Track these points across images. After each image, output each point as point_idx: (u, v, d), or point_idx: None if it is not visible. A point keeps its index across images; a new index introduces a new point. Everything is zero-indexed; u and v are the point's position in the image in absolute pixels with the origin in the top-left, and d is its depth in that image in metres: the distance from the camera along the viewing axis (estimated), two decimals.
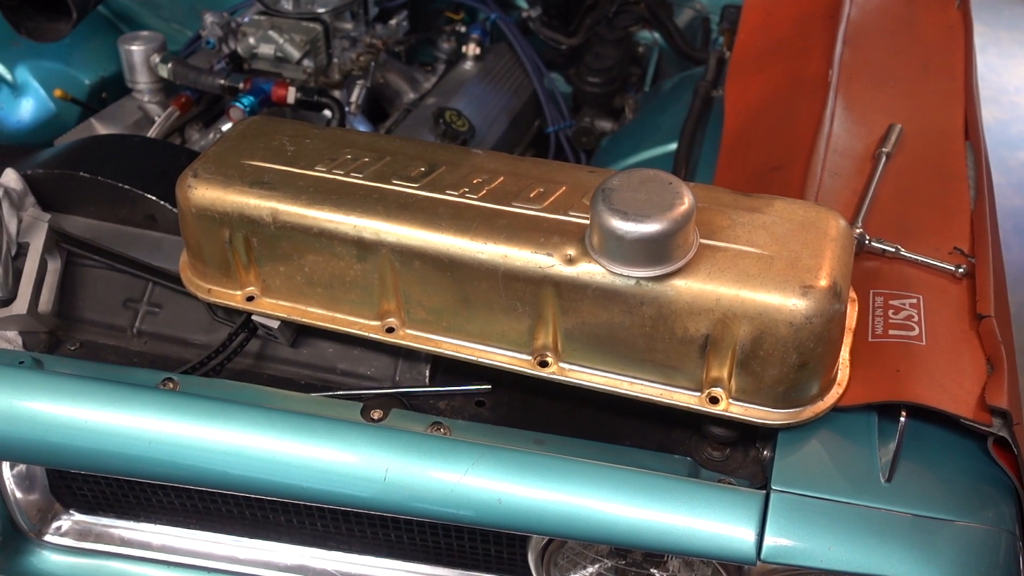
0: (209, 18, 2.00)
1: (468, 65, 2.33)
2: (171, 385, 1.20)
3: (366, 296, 1.18)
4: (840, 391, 1.12)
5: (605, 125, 2.36)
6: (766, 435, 1.13)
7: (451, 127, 2.09)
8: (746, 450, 1.16)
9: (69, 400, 1.13)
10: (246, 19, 2.02)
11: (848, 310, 1.16)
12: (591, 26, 2.38)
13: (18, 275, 1.28)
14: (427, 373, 1.26)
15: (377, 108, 2.28)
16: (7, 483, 1.37)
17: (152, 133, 1.89)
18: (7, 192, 1.32)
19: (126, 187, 1.36)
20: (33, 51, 1.98)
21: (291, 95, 1.88)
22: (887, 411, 1.11)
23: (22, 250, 1.30)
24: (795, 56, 1.74)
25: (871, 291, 1.23)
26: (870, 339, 1.16)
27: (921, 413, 1.08)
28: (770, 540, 1.02)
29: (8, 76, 1.98)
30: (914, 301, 1.20)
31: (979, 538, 1.03)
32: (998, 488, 1.07)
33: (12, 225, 1.30)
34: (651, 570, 1.23)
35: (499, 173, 1.18)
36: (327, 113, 1.92)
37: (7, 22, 1.79)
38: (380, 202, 1.14)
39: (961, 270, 1.25)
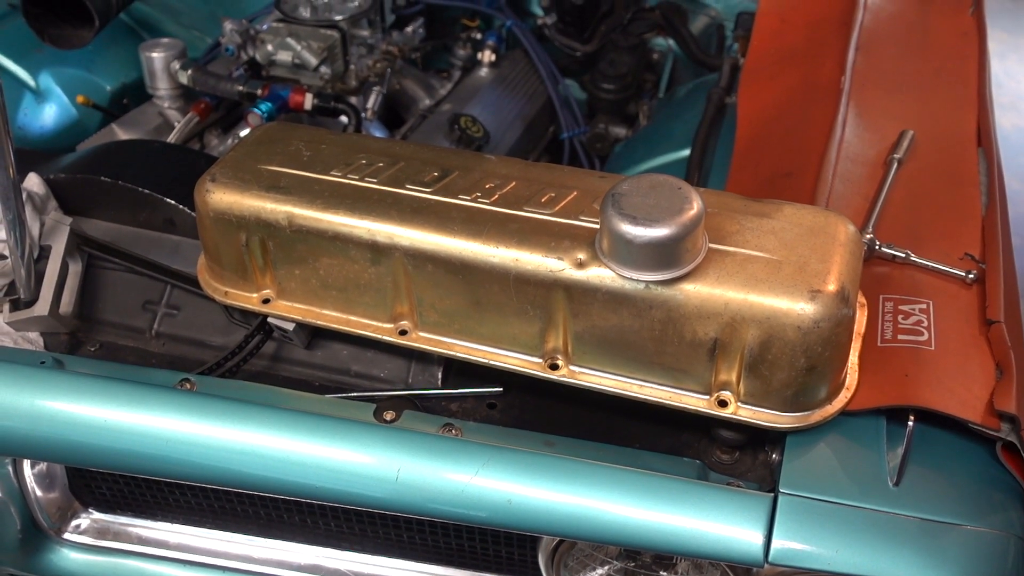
0: (228, 25, 2.02)
1: (483, 72, 2.34)
2: (188, 386, 1.22)
3: (380, 299, 1.19)
4: (849, 395, 1.12)
5: (619, 131, 2.37)
6: (775, 438, 1.14)
7: (466, 133, 2.11)
8: (755, 453, 1.17)
9: (89, 400, 1.15)
10: (264, 26, 2.04)
11: (857, 315, 1.16)
12: (606, 33, 2.39)
13: (40, 277, 1.30)
14: (439, 375, 1.27)
15: (393, 114, 2.29)
16: (28, 481, 1.39)
17: (172, 138, 1.91)
18: (30, 196, 1.34)
19: (146, 191, 1.38)
20: (56, 58, 2.01)
21: (308, 101, 1.91)
22: (896, 415, 1.11)
23: (44, 253, 1.32)
24: (808, 62, 1.74)
25: (881, 296, 1.23)
26: (879, 344, 1.17)
27: (930, 418, 1.09)
28: (778, 543, 1.03)
29: (32, 83, 2.01)
30: (924, 306, 1.20)
31: (987, 543, 1.03)
32: (1007, 493, 1.07)
33: (35, 228, 1.32)
34: (660, 572, 1.23)
35: (511, 178, 1.19)
36: (344, 119, 1.94)
37: (31, 29, 1.82)
38: (394, 206, 1.16)
39: (971, 276, 1.25)
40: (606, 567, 1.24)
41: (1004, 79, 4.04)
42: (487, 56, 2.34)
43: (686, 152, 1.88)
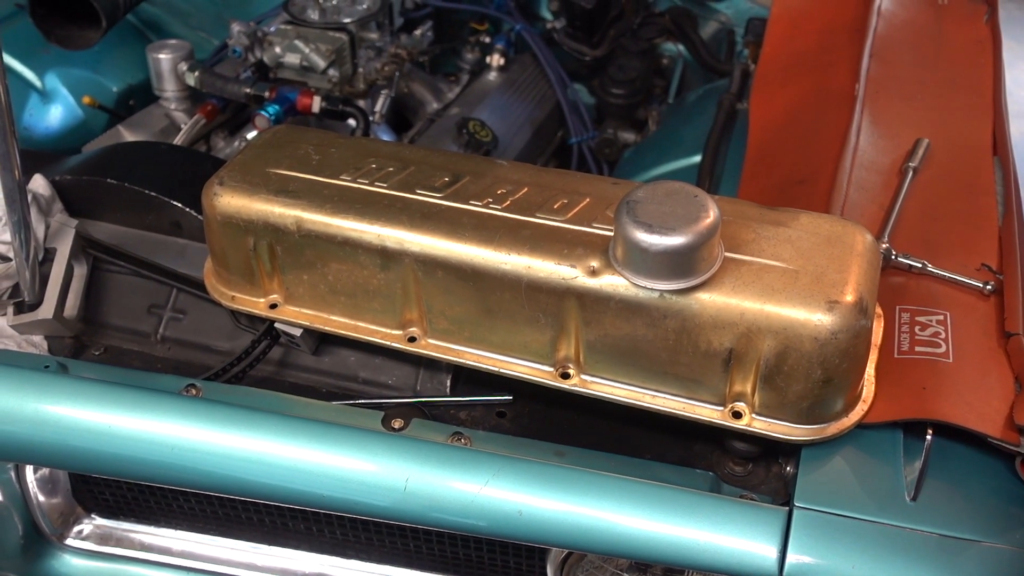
0: (236, 27, 2.02)
1: (492, 75, 2.33)
2: (194, 391, 1.20)
3: (389, 305, 1.18)
4: (865, 408, 1.11)
5: (628, 137, 2.36)
6: (789, 451, 1.12)
7: (474, 137, 2.10)
8: (769, 466, 1.15)
9: (93, 405, 1.14)
10: (272, 28, 2.03)
11: (874, 326, 1.15)
12: (615, 38, 2.38)
13: (45, 280, 1.29)
14: (448, 383, 1.26)
15: (401, 118, 2.28)
16: (30, 487, 1.38)
17: (178, 140, 1.90)
18: (35, 198, 1.33)
19: (152, 194, 1.37)
20: (63, 59, 2.00)
21: (316, 104, 1.90)
22: (913, 429, 1.09)
23: (49, 255, 1.31)
24: (821, 69, 1.73)
25: (897, 307, 1.21)
26: (896, 355, 1.15)
27: (947, 431, 1.07)
28: (792, 558, 1.01)
29: (38, 83, 2.00)
30: (941, 318, 1.19)
31: (1006, 559, 1.01)
32: None
33: (40, 230, 1.31)
34: None
35: (523, 184, 1.18)
36: (351, 122, 1.93)
37: (38, 30, 1.81)
38: (404, 211, 1.14)
39: (989, 287, 1.23)
40: None
41: (1013, 88, 4.02)
42: (496, 60, 2.33)
43: (696, 158, 1.86)
